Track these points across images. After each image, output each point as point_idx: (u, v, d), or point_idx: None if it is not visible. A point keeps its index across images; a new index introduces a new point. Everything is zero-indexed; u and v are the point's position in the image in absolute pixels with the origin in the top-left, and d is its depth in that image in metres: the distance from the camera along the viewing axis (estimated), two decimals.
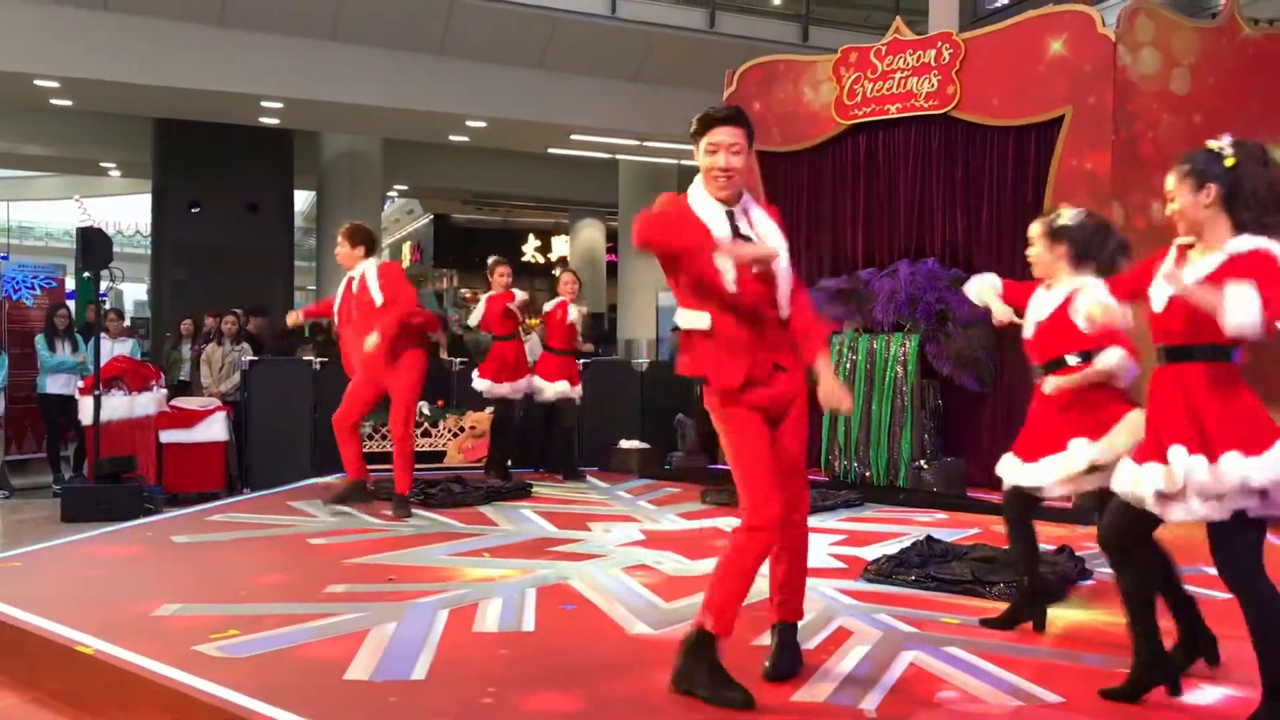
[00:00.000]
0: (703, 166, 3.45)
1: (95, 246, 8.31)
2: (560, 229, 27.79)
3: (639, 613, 4.39)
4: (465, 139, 17.18)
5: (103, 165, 22.94)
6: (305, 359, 9.55)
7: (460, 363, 9.76)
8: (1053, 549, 5.33)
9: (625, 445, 9.27)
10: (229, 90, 13.69)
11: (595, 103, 15.05)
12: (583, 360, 8.99)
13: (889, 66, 8.39)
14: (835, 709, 3.31)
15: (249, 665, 3.66)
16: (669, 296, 3.45)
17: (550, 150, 18.14)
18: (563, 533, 6.22)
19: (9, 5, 12.17)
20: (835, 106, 8.69)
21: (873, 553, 5.52)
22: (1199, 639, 3.53)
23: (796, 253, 9.48)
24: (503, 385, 8.29)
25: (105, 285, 8.93)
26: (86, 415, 8.32)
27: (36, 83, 13.43)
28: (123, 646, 3.80)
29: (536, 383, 8.41)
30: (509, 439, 8.52)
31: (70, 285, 13.19)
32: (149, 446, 8.64)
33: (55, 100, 14.82)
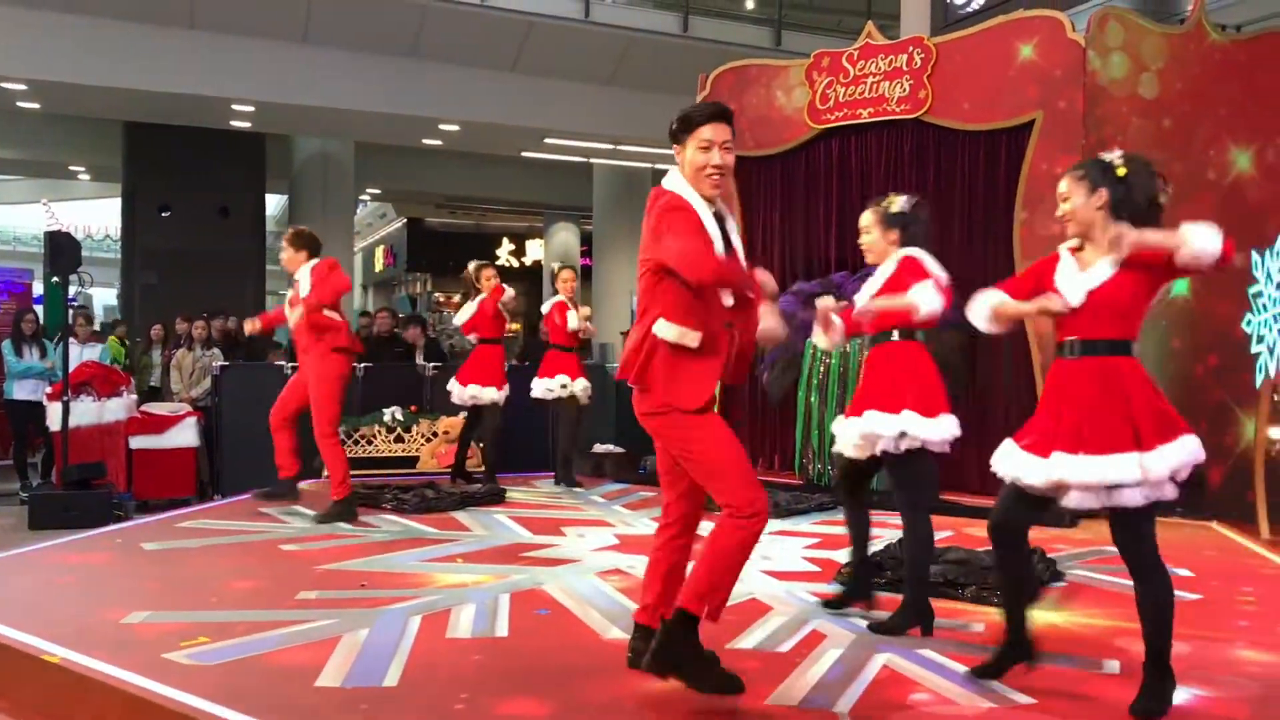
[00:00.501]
0: (693, 164, 3.37)
1: (64, 251, 8.23)
2: (534, 233, 27.75)
3: (613, 618, 4.38)
4: (438, 142, 17.14)
5: (72, 169, 22.76)
6: (277, 364, 9.49)
7: (434, 367, 9.73)
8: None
9: (599, 449, 9.26)
10: (199, 93, 13.60)
11: (569, 106, 15.05)
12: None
13: (861, 71, 8.42)
14: (809, 712, 3.31)
15: (219, 673, 3.62)
16: None
17: (524, 154, 18.12)
18: (537, 538, 6.20)
19: None
20: (808, 111, 8.72)
21: (846, 556, 5.53)
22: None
23: (770, 256, 9.57)
24: (488, 390, 8.07)
25: (74, 290, 8.85)
26: (55, 421, 8.24)
27: (3, 85, 13.31)
28: (91, 655, 3.75)
29: (546, 383, 8.21)
30: (486, 442, 8.39)
31: (38, 290, 13.07)
32: (119, 452, 8.56)
33: (22, 103, 14.68)
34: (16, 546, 6.10)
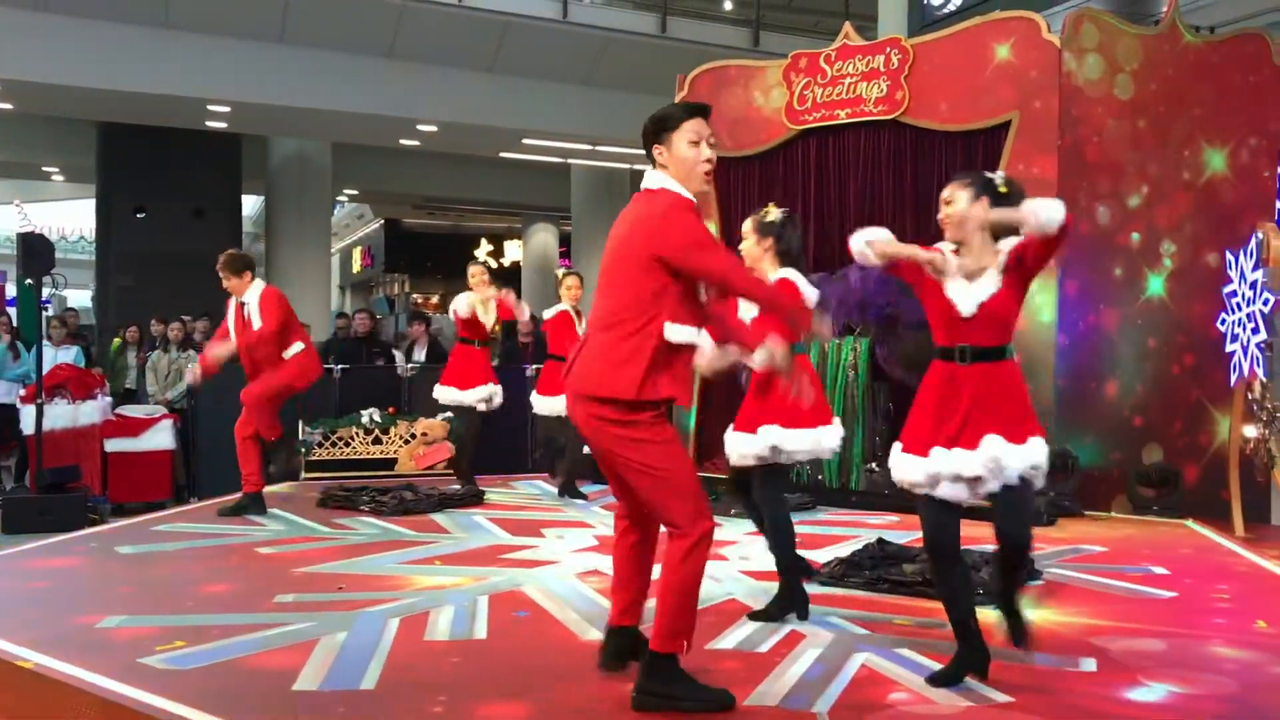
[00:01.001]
0: (683, 160, 3.29)
1: (37, 252, 8.17)
2: (513, 234, 27.72)
3: (592, 619, 4.36)
4: (416, 143, 17.10)
5: (45, 169, 22.58)
6: None
7: (411, 368, 9.68)
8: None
9: (585, 451, 9.21)
10: (174, 94, 13.50)
11: (547, 107, 15.03)
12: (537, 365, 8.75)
13: (839, 72, 8.44)
14: (788, 713, 3.31)
15: (195, 677, 3.60)
16: None
17: (502, 155, 18.11)
18: (515, 539, 6.18)
19: None
20: (785, 112, 8.73)
21: (825, 555, 5.55)
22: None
23: None
24: (473, 391, 7.75)
25: (48, 292, 8.77)
26: (28, 425, 8.16)
27: None
28: (65, 660, 3.72)
29: (553, 403, 7.72)
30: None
31: (11, 292, 12.95)
32: (94, 456, 8.50)
33: None
34: None
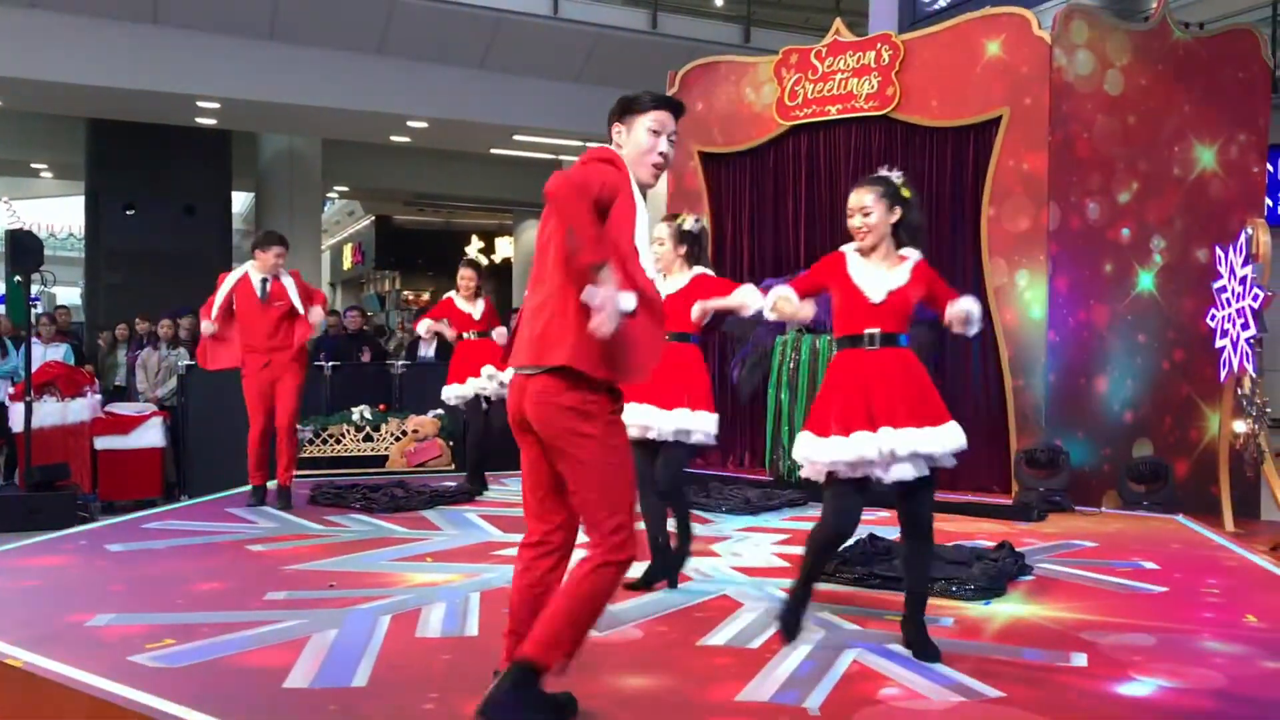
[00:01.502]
0: (638, 146, 3.13)
1: (26, 250, 8.13)
2: (504, 230, 27.67)
3: None
4: (407, 139, 17.04)
5: (34, 166, 22.46)
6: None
7: (403, 365, 9.67)
8: (993, 545, 5.40)
9: None
10: (164, 90, 13.42)
11: (538, 103, 14.99)
12: None
13: (829, 68, 8.45)
14: (780, 708, 3.32)
15: (186, 675, 3.58)
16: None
17: (493, 151, 18.05)
18: (507, 536, 6.17)
19: None
20: (776, 107, 8.74)
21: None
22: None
23: (739, 252, 9.55)
24: (472, 383, 7.45)
25: (37, 289, 8.73)
26: (17, 422, 8.13)
27: None
28: (55, 659, 3.70)
29: None
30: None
31: None
32: (83, 453, 8.47)
33: None
34: None
